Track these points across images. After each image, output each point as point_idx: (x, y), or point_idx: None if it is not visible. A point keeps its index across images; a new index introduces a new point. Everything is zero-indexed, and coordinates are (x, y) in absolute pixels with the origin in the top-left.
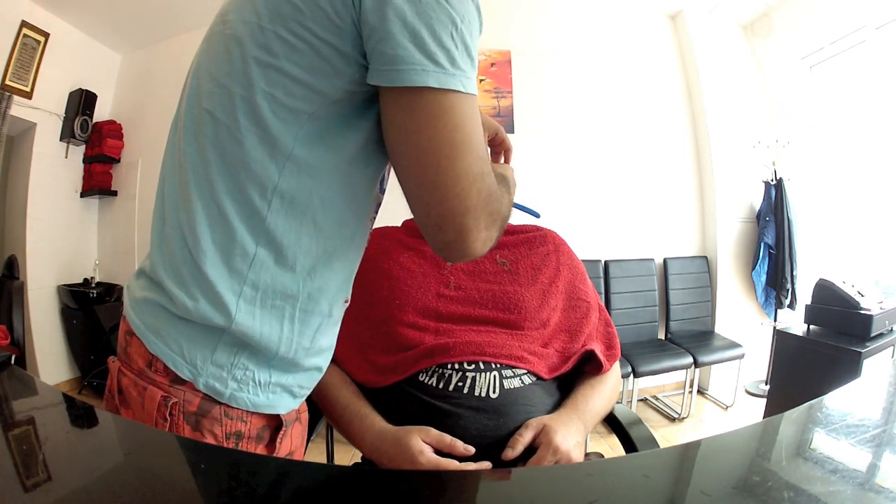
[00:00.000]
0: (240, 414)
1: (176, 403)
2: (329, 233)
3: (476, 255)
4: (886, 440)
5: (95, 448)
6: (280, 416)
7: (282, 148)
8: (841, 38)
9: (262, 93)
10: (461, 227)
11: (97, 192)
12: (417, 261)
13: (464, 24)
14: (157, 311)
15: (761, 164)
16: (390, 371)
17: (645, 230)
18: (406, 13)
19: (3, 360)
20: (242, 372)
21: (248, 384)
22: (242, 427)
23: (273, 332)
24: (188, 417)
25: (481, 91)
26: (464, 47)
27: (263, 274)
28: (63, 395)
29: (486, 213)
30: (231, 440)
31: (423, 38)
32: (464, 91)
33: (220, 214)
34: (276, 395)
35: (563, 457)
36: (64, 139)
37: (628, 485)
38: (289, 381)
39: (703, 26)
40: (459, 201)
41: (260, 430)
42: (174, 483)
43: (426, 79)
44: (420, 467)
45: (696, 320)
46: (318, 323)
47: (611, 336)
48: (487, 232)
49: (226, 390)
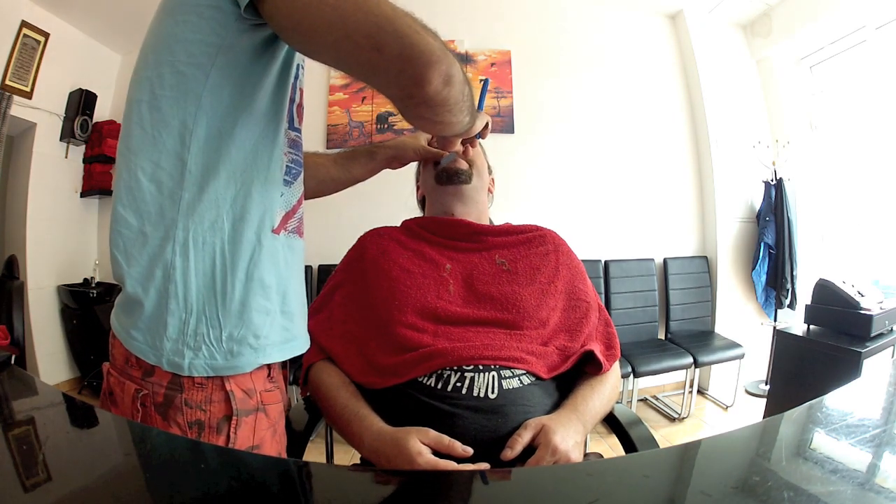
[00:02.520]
0: (198, 401)
1: (147, 395)
2: (237, 163)
3: (436, 95)
4: (886, 440)
5: (95, 448)
6: (232, 404)
7: (193, 99)
8: (841, 38)
9: (168, 63)
10: (412, 56)
11: (97, 192)
12: (417, 261)
13: None
14: (122, 308)
15: (761, 164)
16: (390, 373)
17: (645, 230)
18: None
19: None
20: (193, 338)
21: (202, 348)
22: (202, 416)
23: (207, 269)
24: (158, 408)
25: None
26: None
27: (190, 211)
28: (63, 395)
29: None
30: (194, 429)
31: None
32: None
33: (134, 179)
34: (233, 354)
35: (562, 457)
36: (64, 139)
37: (628, 485)
38: (241, 331)
39: (703, 26)
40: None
41: (220, 421)
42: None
43: None
44: (418, 468)
45: (696, 320)
46: (250, 253)
47: (610, 336)
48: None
49: (184, 361)
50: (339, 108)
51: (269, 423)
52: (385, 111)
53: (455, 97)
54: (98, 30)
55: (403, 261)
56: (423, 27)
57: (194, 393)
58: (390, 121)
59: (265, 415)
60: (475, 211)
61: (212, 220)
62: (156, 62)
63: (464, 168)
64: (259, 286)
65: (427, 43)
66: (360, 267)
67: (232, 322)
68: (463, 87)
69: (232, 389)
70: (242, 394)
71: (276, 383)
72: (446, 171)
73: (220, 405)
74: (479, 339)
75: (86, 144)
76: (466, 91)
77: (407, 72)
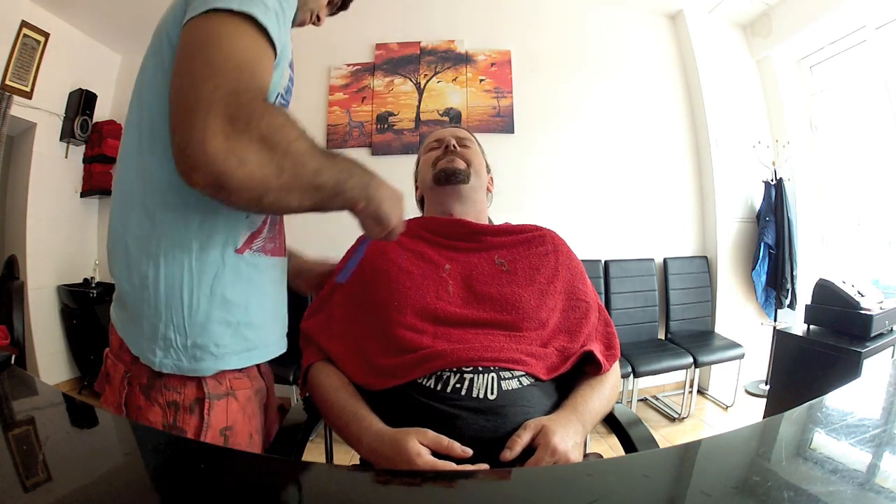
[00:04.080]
0: (175, 385)
1: (133, 376)
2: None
3: (208, 166)
4: (886, 440)
5: (95, 448)
6: (204, 389)
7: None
8: (841, 38)
9: (151, 91)
10: (187, 124)
11: (97, 192)
12: (416, 262)
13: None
14: (115, 301)
15: (761, 164)
16: (389, 374)
17: (645, 230)
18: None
19: (3, 360)
20: (163, 341)
21: (170, 350)
22: (178, 398)
23: (176, 282)
24: (142, 389)
25: (481, 91)
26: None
27: (162, 229)
28: (63, 395)
29: (224, 114)
30: (171, 409)
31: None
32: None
33: (120, 190)
34: (196, 359)
35: (562, 457)
36: (64, 139)
37: (628, 485)
38: (204, 339)
39: (703, 26)
40: (189, 94)
41: (192, 403)
42: (174, 483)
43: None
44: (417, 469)
45: (696, 320)
46: (214, 271)
47: (610, 336)
48: (228, 142)
49: (155, 359)
50: (340, 109)
51: (238, 407)
52: (385, 111)
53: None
54: (98, 30)
55: (402, 261)
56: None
57: (171, 378)
58: (390, 121)
59: (235, 399)
60: (474, 210)
61: (181, 239)
62: (139, 85)
63: (461, 168)
64: (221, 301)
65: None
66: (360, 267)
67: (196, 331)
68: (284, 139)
69: (203, 377)
70: (213, 380)
71: (244, 372)
72: (444, 170)
73: (192, 390)
74: (479, 340)
75: (86, 144)
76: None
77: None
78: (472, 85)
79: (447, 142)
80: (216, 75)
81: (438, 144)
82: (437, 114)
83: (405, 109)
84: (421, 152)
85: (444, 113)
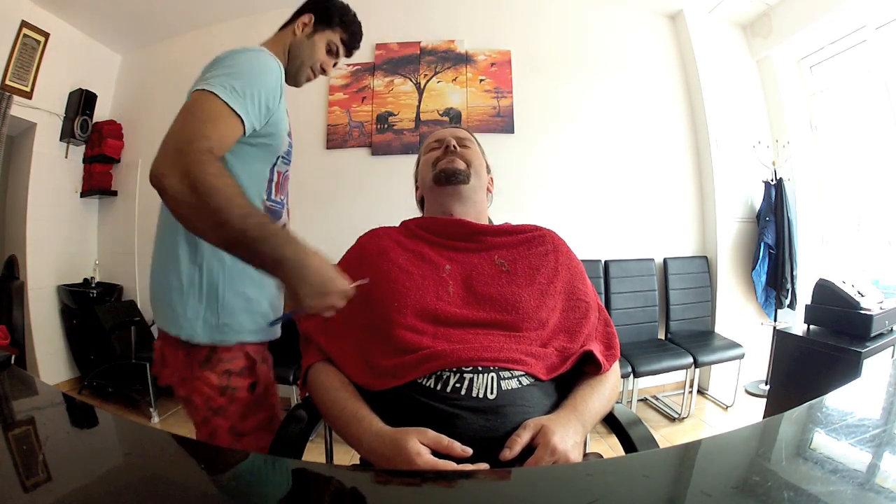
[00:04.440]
0: (228, 358)
1: (192, 354)
2: None
3: (153, 178)
4: (886, 440)
5: (95, 448)
6: (250, 355)
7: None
8: (841, 38)
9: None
10: (159, 150)
11: (97, 192)
12: (416, 262)
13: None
14: (164, 300)
15: (761, 164)
16: (389, 375)
17: (645, 230)
18: None
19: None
20: (205, 321)
21: (206, 329)
22: (231, 366)
23: (213, 281)
24: (202, 364)
25: (481, 91)
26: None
27: (203, 242)
28: (63, 395)
29: (174, 149)
30: (224, 377)
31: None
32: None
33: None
34: (222, 333)
35: (561, 457)
36: (64, 139)
37: (628, 485)
38: (228, 320)
39: (703, 26)
40: (168, 132)
41: (241, 369)
42: (174, 483)
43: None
44: (417, 469)
45: (696, 320)
46: (238, 274)
47: (610, 336)
48: (168, 167)
49: (195, 334)
50: (340, 108)
51: (269, 370)
52: (385, 111)
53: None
54: (98, 30)
55: (403, 261)
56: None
57: (224, 352)
58: (390, 121)
59: (266, 364)
60: (474, 211)
61: (216, 251)
62: None
63: (461, 168)
64: (243, 296)
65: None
66: (359, 268)
67: (225, 315)
68: (210, 190)
69: (247, 349)
70: (253, 348)
71: (263, 346)
72: (445, 171)
73: (241, 360)
74: (479, 340)
75: (86, 144)
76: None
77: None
78: (472, 85)
79: (447, 142)
80: (183, 125)
81: (439, 145)
82: (437, 114)
83: (405, 109)
84: (421, 152)
85: (444, 113)
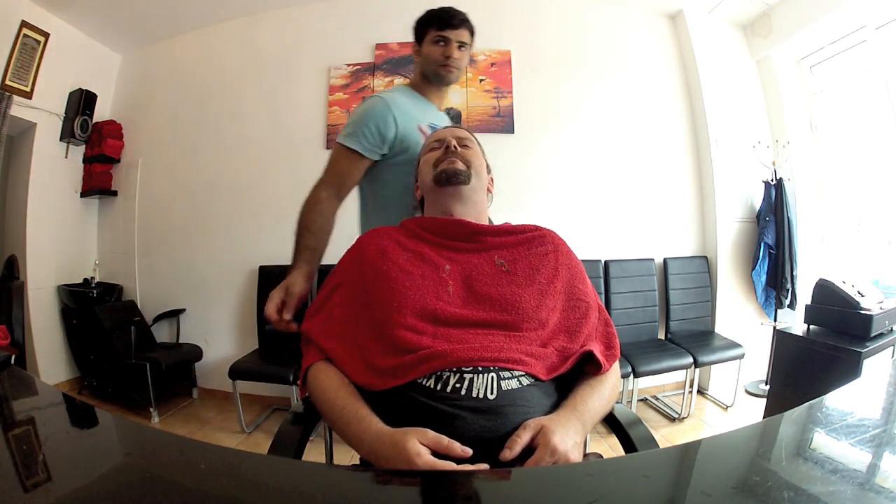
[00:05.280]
0: None
1: None
2: (383, 201)
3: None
4: (886, 440)
5: (95, 448)
6: None
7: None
8: (841, 38)
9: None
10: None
11: (97, 192)
12: (416, 262)
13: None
14: None
15: (761, 164)
16: (389, 375)
17: (645, 230)
18: None
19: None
20: None
21: None
22: None
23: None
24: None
25: (481, 91)
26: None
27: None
28: (63, 395)
29: (320, 183)
30: None
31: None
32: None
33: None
34: None
35: (562, 457)
36: (64, 139)
37: (628, 485)
38: None
39: (703, 26)
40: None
41: None
42: (174, 483)
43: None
44: (417, 469)
45: (696, 320)
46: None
47: (610, 336)
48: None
49: None
50: (339, 108)
51: None
52: None
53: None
54: (98, 30)
55: (403, 262)
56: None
57: None
58: None
59: None
60: (474, 211)
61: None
62: None
63: (461, 169)
64: None
65: None
66: (359, 268)
67: None
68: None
69: None
70: None
71: None
72: (445, 171)
73: None
74: (479, 340)
75: (86, 144)
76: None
77: None
78: (472, 85)
79: (448, 142)
80: (326, 169)
81: (439, 145)
82: None
83: None
84: (421, 152)
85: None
